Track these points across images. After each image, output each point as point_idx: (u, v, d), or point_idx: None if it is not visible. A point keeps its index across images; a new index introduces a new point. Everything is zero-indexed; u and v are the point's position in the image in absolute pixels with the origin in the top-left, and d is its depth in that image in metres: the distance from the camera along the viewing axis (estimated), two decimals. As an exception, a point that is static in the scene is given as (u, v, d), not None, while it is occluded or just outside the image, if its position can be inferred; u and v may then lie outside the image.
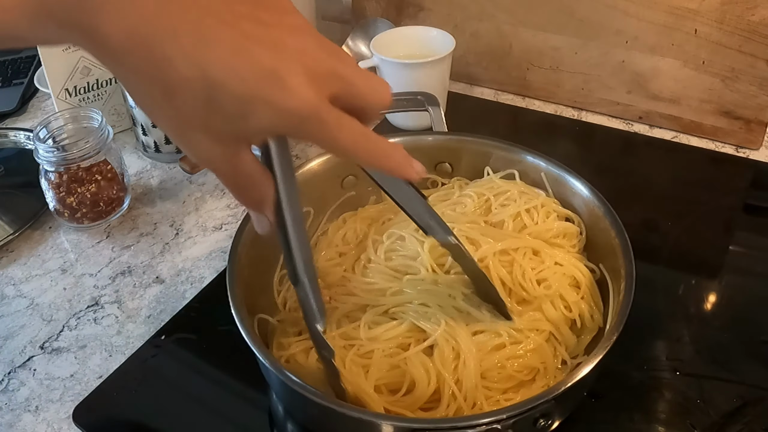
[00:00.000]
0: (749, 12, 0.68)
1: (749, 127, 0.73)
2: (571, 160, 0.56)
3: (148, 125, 0.72)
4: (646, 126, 0.77)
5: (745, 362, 0.51)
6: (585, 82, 0.79)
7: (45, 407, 0.51)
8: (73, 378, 0.53)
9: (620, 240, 0.48)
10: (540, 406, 0.39)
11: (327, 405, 0.40)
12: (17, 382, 0.53)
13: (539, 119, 0.80)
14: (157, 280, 0.61)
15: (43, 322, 0.58)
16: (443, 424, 0.40)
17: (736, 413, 0.47)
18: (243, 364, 0.48)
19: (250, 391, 0.50)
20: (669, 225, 0.63)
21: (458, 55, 0.79)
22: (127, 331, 0.56)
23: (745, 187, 0.70)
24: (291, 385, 0.40)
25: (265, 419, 0.50)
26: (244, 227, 0.50)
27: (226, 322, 0.52)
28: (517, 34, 0.80)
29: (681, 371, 0.50)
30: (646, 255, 0.59)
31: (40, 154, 0.63)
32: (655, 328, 0.53)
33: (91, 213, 0.65)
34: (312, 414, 0.45)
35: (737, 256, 0.62)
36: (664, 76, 0.75)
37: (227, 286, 0.46)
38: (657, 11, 0.72)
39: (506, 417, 0.38)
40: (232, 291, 0.46)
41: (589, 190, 0.53)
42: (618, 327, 0.42)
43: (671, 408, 0.48)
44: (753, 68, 0.70)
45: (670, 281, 0.58)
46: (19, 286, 0.61)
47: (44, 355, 0.55)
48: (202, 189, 0.71)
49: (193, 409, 0.50)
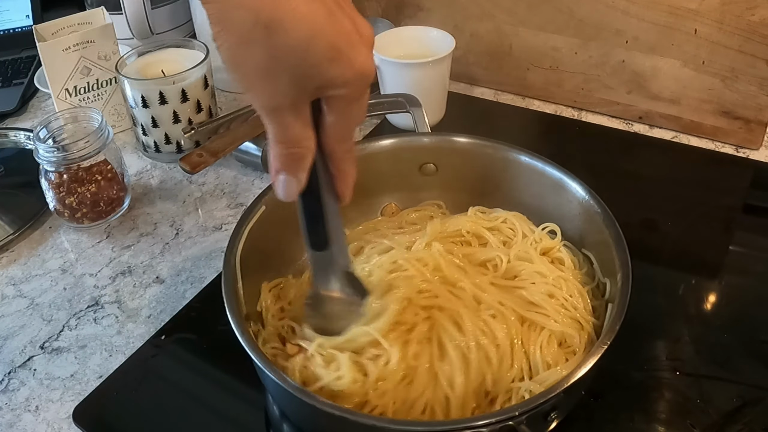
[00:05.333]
0: (749, 12, 0.68)
1: (749, 127, 0.73)
2: (570, 160, 0.56)
3: (149, 125, 0.72)
4: (646, 126, 0.77)
5: (745, 362, 0.51)
6: (585, 82, 0.79)
7: (45, 407, 0.51)
8: (73, 378, 0.53)
9: (614, 237, 0.48)
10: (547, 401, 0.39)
11: (324, 409, 0.40)
12: (17, 382, 0.53)
13: (539, 119, 0.80)
14: (158, 280, 0.61)
15: (43, 322, 0.58)
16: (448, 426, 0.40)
17: (735, 413, 0.47)
18: (243, 365, 0.48)
19: (250, 392, 0.50)
20: (669, 225, 0.63)
21: (458, 55, 0.79)
22: (128, 331, 0.56)
23: (744, 187, 0.70)
24: (286, 387, 0.40)
25: (264, 418, 0.50)
26: (240, 228, 0.50)
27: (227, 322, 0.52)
28: (517, 34, 0.80)
29: (681, 371, 0.50)
30: (645, 255, 0.59)
31: (41, 154, 0.63)
32: (655, 328, 0.53)
33: (92, 213, 0.65)
34: (307, 417, 0.45)
35: (737, 256, 0.62)
36: (664, 76, 0.75)
37: (222, 288, 0.46)
38: (657, 11, 0.72)
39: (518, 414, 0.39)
40: (228, 293, 0.46)
41: (581, 187, 0.52)
42: (614, 326, 0.42)
43: (671, 408, 0.48)
44: (753, 68, 0.70)
45: (670, 281, 0.58)
46: (19, 286, 0.61)
47: (44, 355, 0.55)
48: (202, 189, 0.71)
49: (193, 410, 0.50)
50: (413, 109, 0.58)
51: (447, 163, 0.59)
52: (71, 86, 0.75)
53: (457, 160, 0.58)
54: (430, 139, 0.59)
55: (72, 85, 0.75)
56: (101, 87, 0.77)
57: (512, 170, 0.56)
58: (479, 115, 0.80)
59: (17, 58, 0.95)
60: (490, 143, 0.57)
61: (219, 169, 0.73)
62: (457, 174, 0.59)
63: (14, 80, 0.91)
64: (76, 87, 0.75)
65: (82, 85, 0.75)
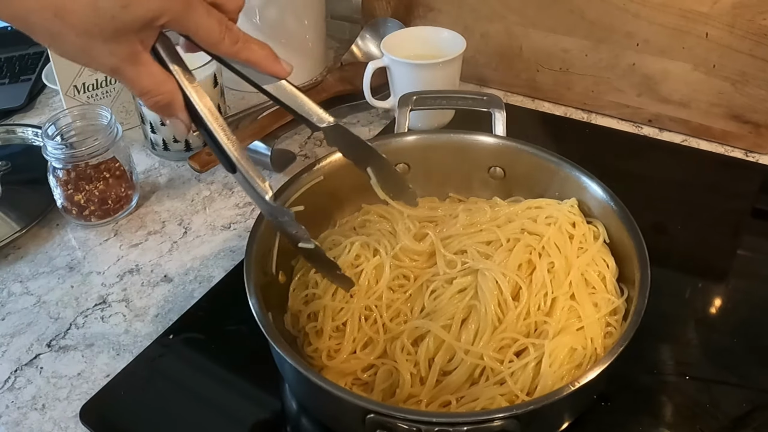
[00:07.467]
0: (761, 16, 0.68)
1: (759, 131, 0.73)
2: (580, 162, 0.56)
3: (157, 123, 0.72)
4: (656, 129, 0.77)
5: (754, 366, 0.51)
6: (595, 85, 0.79)
7: (52, 406, 0.51)
8: (80, 377, 0.53)
9: (636, 246, 0.48)
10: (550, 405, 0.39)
11: (344, 397, 0.39)
12: (24, 380, 0.53)
13: (549, 121, 0.79)
14: (165, 278, 0.61)
15: (51, 320, 0.57)
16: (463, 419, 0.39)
17: (745, 417, 0.47)
18: (252, 364, 0.48)
19: (259, 392, 0.50)
20: (678, 228, 0.63)
21: (468, 56, 0.79)
22: (135, 329, 0.56)
23: (753, 192, 0.70)
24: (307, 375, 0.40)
25: (273, 420, 0.49)
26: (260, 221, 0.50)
27: (235, 321, 0.52)
28: (527, 36, 0.80)
29: (689, 375, 0.50)
30: (654, 258, 0.59)
31: (49, 151, 0.62)
32: (664, 331, 0.53)
33: (99, 211, 0.65)
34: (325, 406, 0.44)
35: (745, 260, 0.61)
36: (674, 79, 0.74)
37: (244, 276, 0.46)
38: (668, 14, 0.72)
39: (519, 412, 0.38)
40: (248, 281, 0.45)
41: (606, 194, 0.53)
42: (629, 334, 0.42)
43: (680, 412, 0.48)
44: (764, 72, 0.70)
45: (679, 285, 0.58)
46: (26, 284, 0.61)
47: (51, 353, 0.55)
48: (211, 188, 0.71)
49: (201, 410, 0.50)
50: (494, 110, 0.59)
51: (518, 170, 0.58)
52: (80, 83, 0.75)
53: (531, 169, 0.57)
54: (501, 143, 0.59)
55: (80, 82, 0.75)
56: (110, 84, 0.77)
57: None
58: (489, 117, 0.80)
59: (24, 54, 0.95)
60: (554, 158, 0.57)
61: (227, 168, 0.73)
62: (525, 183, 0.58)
63: (22, 76, 0.90)
64: (85, 84, 0.75)
65: (91, 82, 0.75)
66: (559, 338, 0.45)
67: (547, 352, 0.44)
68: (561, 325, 0.46)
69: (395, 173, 0.54)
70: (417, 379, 0.44)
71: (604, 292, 0.48)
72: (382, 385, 0.44)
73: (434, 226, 0.54)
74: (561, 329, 0.46)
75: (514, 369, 0.43)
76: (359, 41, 0.84)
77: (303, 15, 0.84)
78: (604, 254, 0.51)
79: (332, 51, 0.91)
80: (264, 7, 0.80)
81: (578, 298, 0.47)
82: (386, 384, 0.45)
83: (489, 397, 0.43)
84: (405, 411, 0.39)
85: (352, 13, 0.92)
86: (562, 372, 0.44)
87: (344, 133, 0.49)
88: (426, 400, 0.44)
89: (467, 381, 0.44)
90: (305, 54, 0.87)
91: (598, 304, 0.48)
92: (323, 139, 0.77)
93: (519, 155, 0.57)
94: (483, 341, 0.45)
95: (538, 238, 0.50)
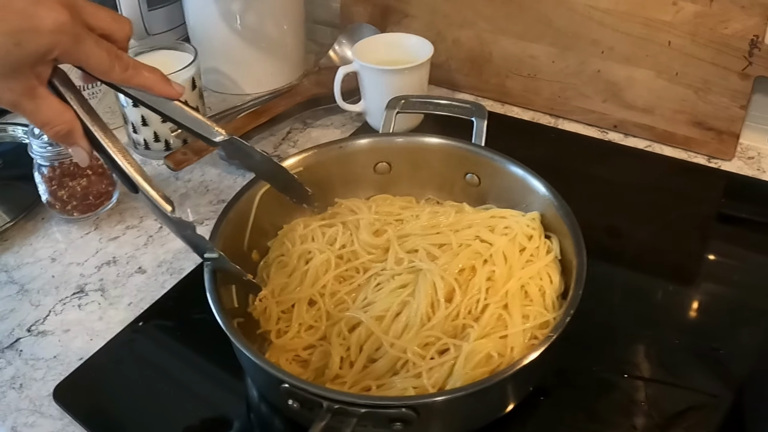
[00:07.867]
0: (722, 25, 0.70)
1: (721, 138, 0.74)
2: (546, 166, 0.57)
3: (138, 124, 0.76)
4: (621, 134, 0.79)
5: (694, 367, 0.52)
6: (562, 90, 0.81)
7: (28, 385, 0.54)
8: (56, 359, 0.56)
9: (573, 235, 0.50)
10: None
11: (263, 366, 0.42)
12: (4, 361, 0.56)
13: (517, 126, 0.81)
14: (140, 270, 0.64)
15: (32, 307, 0.61)
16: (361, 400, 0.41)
17: (678, 417, 0.48)
18: (215, 348, 0.51)
19: (222, 373, 0.54)
20: (634, 230, 0.65)
21: (441, 61, 0.81)
22: (109, 317, 0.59)
23: (713, 197, 0.70)
24: (237, 344, 0.43)
25: (231, 398, 0.53)
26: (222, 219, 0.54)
27: (201, 311, 0.55)
28: (497, 42, 0.82)
29: (629, 374, 0.51)
30: (607, 257, 0.61)
31: (34, 150, 0.66)
32: (609, 330, 0.54)
33: (81, 206, 0.69)
34: (257, 376, 0.48)
35: (699, 262, 0.63)
36: (639, 86, 0.76)
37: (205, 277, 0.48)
38: (632, 23, 0.74)
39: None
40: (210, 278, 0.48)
41: (546, 188, 0.54)
42: (564, 320, 0.44)
43: (615, 409, 0.49)
44: (725, 80, 0.71)
45: (629, 285, 0.60)
46: (11, 273, 0.65)
47: (30, 337, 0.58)
48: (187, 186, 0.74)
49: (168, 390, 0.53)
50: (477, 119, 0.62)
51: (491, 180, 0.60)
52: (68, 84, 0.78)
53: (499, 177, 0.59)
54: (478, 151, 0.60)
55: (69, 83, 0.78)
56: (96, 85, 0.80)
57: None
58: (458, 121, 0.82)
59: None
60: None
61: (204, 167, 0.76)
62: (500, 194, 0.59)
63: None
64: (73, 85, 0.78)
65: (78, 84, 0.78)
66: (480, 342, 0.46)
67: (464, 353, 0.45)
68: (486, 330, 0.47)
69: (293, 180, 0.56)
70: (347, 362, 0.47)
71: (539, 306, 0.49)
72: (317, 364, 0.48)
73: (396, 225, 0.57)
74: (485, 334, 0.46)
75: (433, 365, 0.45)
76: (336, 46, 0.86)
77: (282, 20, 0.86)
78: (552, 270, 0.52)
79: (313, 55, 0.94)
80: (244, 13, 0.83)
81: (510, 308, 0.48)
82: (321, 363, 0.48)
83: (402, 387, 0.44)
84: (309, 385, 0.41)
85: (333, 18, 0.95)
86: (475, 375, 0.44)
87: (241, 146, 0.51)
88: (350, 382, 0.46)
89: (390, 371, 0.46)
90: (284, 58, 0.89)
91: (529, 316, 0.48)
92: (297, 140, 0.81)
93: (491, 165, 0.59)
94: (410, 336, 0.47)
95: (488, 246, 0.52)
